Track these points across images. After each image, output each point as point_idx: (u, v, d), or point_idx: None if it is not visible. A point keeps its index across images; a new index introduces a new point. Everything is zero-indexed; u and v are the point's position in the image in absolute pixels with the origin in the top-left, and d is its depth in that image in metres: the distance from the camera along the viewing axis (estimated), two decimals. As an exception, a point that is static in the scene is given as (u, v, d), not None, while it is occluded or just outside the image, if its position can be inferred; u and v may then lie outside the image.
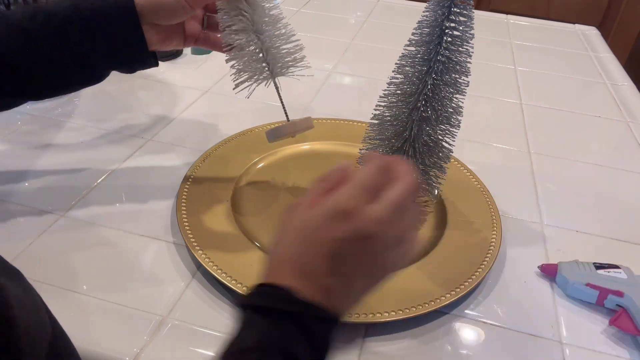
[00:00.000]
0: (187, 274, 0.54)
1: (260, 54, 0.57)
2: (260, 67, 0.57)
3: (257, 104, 0.86)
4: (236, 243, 0.56)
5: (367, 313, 0.49)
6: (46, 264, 0.54)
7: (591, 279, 0.54)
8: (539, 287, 0.57)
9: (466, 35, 0.53)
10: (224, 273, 0.52)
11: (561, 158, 0.80)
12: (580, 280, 0.54)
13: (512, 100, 0.96)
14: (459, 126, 0.58)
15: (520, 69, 1.08)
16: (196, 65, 0.98)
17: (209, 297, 0.52)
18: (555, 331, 0.52)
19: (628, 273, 0.54)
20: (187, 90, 0.89)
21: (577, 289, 0.54)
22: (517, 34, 1.26)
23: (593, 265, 0.55)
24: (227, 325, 0.49)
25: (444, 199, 0.65)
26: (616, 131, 0.90)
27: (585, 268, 0.55)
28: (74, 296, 0.50)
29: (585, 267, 0.55)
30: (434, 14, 0.53)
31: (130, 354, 0.46)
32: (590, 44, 1.24)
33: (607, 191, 0.74)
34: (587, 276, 0.54)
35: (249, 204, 0.63)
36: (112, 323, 0.48)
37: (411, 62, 0.56)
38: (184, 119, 0.80)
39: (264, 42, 0.57)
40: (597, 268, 0.55)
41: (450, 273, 0.54)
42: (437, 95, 0.56)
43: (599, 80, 1.07)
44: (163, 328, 0.48)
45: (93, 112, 0.78)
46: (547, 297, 0.55)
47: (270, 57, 0.58)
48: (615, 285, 0.53)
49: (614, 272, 0.54)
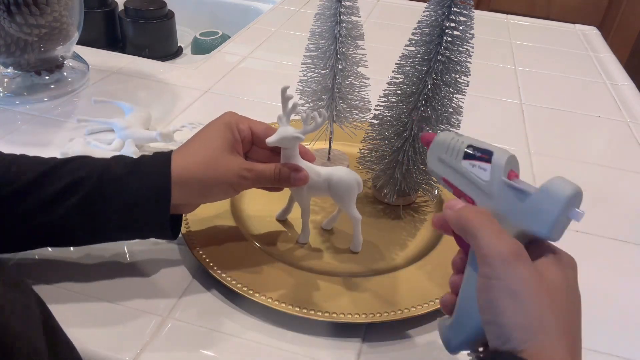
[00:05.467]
0: (187, 274, 0.54)
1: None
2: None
3: (257, 104, 0.86)
4: (236, 243, 0.56)
5: (367, 313, 0.49)
6: (46, 264, 0.54)
7: (450, 171, 0.41)
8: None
9: (466, 35, 0.53)
10: (224, 273, 0.52)
11: (561, 158, 0.80)
12: (439, 172, 0.42)
13: (512, 100, 0.96)
14: (459, 126, 0.58)
15: (520, 69, 1.08)
16: (196, 65, 0.98)
17: (209, 297, 0.52)
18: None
19: (495, 169, 0.39)
20: (187, 90, 0.89)
21: (438, 179, 0.43)
22: (517, 34, 1.26)
23: (467, 149, 0.41)
24: (227, 325, 0.49)
25: (444, 199, 0.65)
26: (616, 131, 0.89)
27: (455, 151, 0.41)
28: (74, 296, 0.50)
29: (456, 150, 0.41)
30: (434, 14, 0.53)
31: (131, 354, 0.46)
32: (590, 44, 1.24)
33: (607, 191, 0.74)
34: (449, 166, 0.41)
35: (249, 204, 0.63)
36: (112, 323, 0.48)
37: (411, 62, 0.56)
38: (184, 119, 0.80)
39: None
40: (467, 156, 0.40)
41: (450, 273, 0.54)
42: (437, 95, 0.56)
43: (599, 80, 1.07)
44: (163, 328, 0.48)
45: (93, 112, 0.78)
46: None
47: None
48: (469, 189, 0.40)
49: (479, 167, 0.40)
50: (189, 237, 0.55)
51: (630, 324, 0.54)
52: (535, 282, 0.34)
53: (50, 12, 0.76)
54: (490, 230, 0.36)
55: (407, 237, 0.60)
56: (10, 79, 0.83)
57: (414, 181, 0.61)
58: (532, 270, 0.34)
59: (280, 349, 0.48)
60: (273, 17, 1.22)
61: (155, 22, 1.13)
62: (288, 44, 1.10)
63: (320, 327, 0.49)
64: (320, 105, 0.62)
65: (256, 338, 0.48)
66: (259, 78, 0.96)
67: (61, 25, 0.79)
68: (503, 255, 0.34)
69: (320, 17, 0.59)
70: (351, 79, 0.61)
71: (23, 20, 0.74)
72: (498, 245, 0.35)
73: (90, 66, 0.91)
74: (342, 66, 0.59)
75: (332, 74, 0.59)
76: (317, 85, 0.61)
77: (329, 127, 0.64)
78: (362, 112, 0.63)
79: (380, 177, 0.63)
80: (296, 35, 1.14)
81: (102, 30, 1.17)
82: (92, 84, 0.88)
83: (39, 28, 0.76)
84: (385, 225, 0.62)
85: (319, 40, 0.59)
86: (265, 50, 1.07)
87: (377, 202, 0.65)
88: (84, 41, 0.93)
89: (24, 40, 0.77)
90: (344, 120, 0.63)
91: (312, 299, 0.51)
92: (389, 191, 0.62)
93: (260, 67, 1.00)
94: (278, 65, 1.01)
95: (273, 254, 0.56)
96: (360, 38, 0.60)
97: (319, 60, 0.60)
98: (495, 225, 0.36)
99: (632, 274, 0.60)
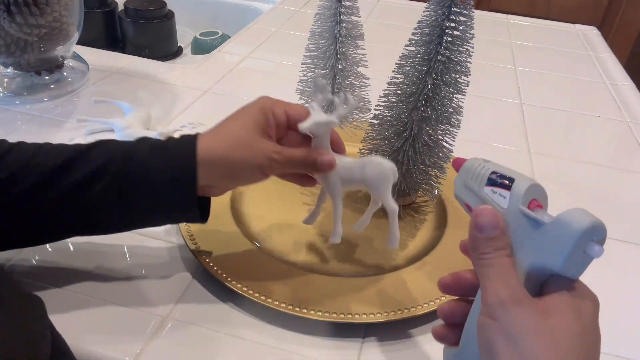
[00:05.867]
0: (187, 274, 0.54)
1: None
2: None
3: (257, 104, 0.86)
4: (236, 243, 0.56)
5: (367, 313, 0.49)
6: (46, 264, 0.54)
7: (473, 198, 0.41)
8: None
9: (466, 35, 0.53)
10: (224, 273, 0.52)
11: (561, 158, 0.80)
12: (464, 198, 0.42)
13: (512, 100, 0.96)
14: (459, 126, 0.58)
15: (520, 69, 1.08)
16: (196, 65, 0.98)
17: (209, 298, 0.52)
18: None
19: (514, 197, 0.38)
20: (187, 90, 0.89)
21: (462, 205, 0.43)
22: (517, 34, 1.26)
23: (490, 175, 0.40)
24: (227, 325, 0.49)
25: (444, 199, 0.65)
26: (616, 131, 0.89)
27: (479, 177, 0.40)
28: (74, 296, 0.50)
29: (480, 176, 0.40)
30: (434, 14, 0.53)
31: (131, 354, 0.46)
32: (590, 44, 1.24)
33: (607, 191, 0.74)
34: (473, 193, 0.41)
35: (249, 205, 0.63)
36: (112, 323, 0.48)
37: (411, 62, 0.56)
38: (184, 119, 0.80)
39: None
40: (490, 182, 0.39)
41: (448, 271, 0.54)
42: (437, 95, 0.56)
43: (599, 80, 1.07)
44: (163, 328, 0.48)
45: (93, 112, 0.78)
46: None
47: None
48: None
49: (500, 194, 0.39)
50: (190, 237, 0.55)
51: (630, 324, 0.54)
52: (535, 326, 0.32)
53: (50, 12, 0.76)
54: (498, 270, 0.35)
55: (407, 237, 0.60)
56: (10, 79, 0.83)
57: (414, 181, 0.61)
58: (533, 314, 0.33)
59: (280, 349, 0.48)
60: (273, 17, 1.22)
61: (155, 22, 1.13)
62: (288, 44, 1.10)
63: (320, 327, 0.49)
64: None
65: (256, 338, 0.48)
66: (259, 78, 0.96)
67: (61, 25, 0.79)
68: (501, 298, 0.33)
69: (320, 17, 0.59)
70: (351, 79, 0.61)
71: (23, 20, 0.74)
72: (498, 287, 0.34)
73: (90, 66, 0.91)
74: (342, 66, 0.59)
75: (332, 74, 0.59)
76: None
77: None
78: (362, 112, 0.63)
79: (380, 177, 0.63)
80: (296, 35, 1.14)
81: (102, 30, 1.17)
82: (92, 84, 0.88)
83: (39, 28, 0.76)
84: (385, 225, 0.62)
85: (319, 40, 0.59)
86: (265, 50, 1.07)
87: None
88: (84, 41, 0.94)
89: (24, 40, 0.77)
90: (344, 120, 0.63)
91: (312, 299, 0.51)
92: (389, 191, 0.62)
93: (260, 67, 1.00)
94: (278, 65, 1.01)
95: (273, 254, 0.56)
96: (360, 38, 0.60)
97: (319, 60, 0.60)
98: (504, 264, 0.35)
99: (632, 274, 0.60)
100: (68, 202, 0.46)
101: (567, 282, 0.34)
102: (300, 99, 0.62)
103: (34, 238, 0.50)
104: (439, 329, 0.40)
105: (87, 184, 0.46)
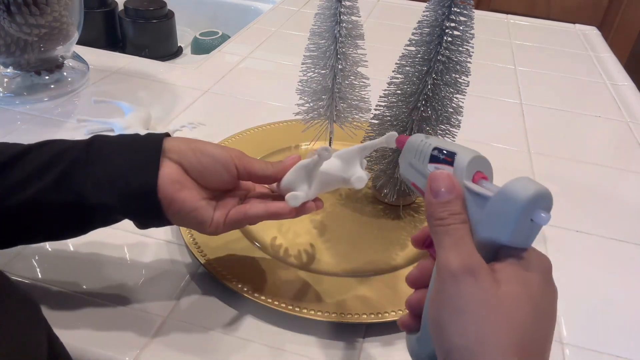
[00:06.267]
0: (186, 275, 0.54)
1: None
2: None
3: (257, 104, 0.86)
4: (236, 243, 0.56)
5: (367, 313, 0.49)
6: (45, 264, 0.54)
7: (419, 177, 0.39)
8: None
9: (466, 35, 0.53)
10: (224, 273, 0.52)
11: (561, 158, 0.80)
12: (410, 177, 0.40)
13: (512, 100, 0.96)
14: (459, 126, 0.58)
15: (520, 69, 1.08)
16: (196, 65, 0.98)
17: (208, 298, 0.52)
18: (555, 331, 0.52)
19: (458, 172, 0.36)
20: (187, 90, 0.89)
21: (409, 185, 0.41)
22: (517, 34, 1.26)
23: (432, 151, 0.38)
24: (227, 325, 0.49)
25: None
26: (616, 131, 0.89)
27: (422, 154, 0.39)
28: (74, 296, 0.50)
29: (423, 154, 0.39)
30: (434, 14, 0.53)
31: (131, 354, 0.46)
32: (590, 44, 1.24)
33: (607, 191, 0.74)
34: (418, 171, 0.39)
35: (249, 204, 0.63)
36: (112, 323, 0.48)
37: (411, 62, 0.56)
38: (184, 119, 0.80)
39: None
40: (433, 159, 0.38)
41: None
42: (437, 95, 0.56)
43: (599, 80, 1.07)
44: (163, 328, 0.48)
45: (93, 112, 0.78)
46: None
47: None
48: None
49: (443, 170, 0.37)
50: (189, 237, 0.55)
51: (630, 324, 0.54)
52: (482, 299, 0.31)
53: (50, 12, 0.76)
54: (453, 238, 0.33)
55: (407, 237, 0.60)
56: (10, 79, 0.83)
57: (414, 181, 0.61)
58: (483, 286, 0.31)
59: (280, 349, 0.48)
60: (273, 17, 1.22)
61: (155, 22, 1.13)
62: (288, 44, 1.10)
63: (320, 327, 0.49)
64: (320, 105, 0.62)
65: (256, 338, 0.48)
66: (259, 78, 0.96)
67: (61, 25, 0.79)
68: (452, 269, 0.32)
69: (320, 17, 0.58)
70: (351, 79, 0.61)
71: (23, 20, 0.74)
72: (450, 258, 0.32)
73: (90, 66, 0.91)
74: (342, 66, 0.59)
75: (332, 74, 0.59)
76: (317, 85, 0.61)
77: (329, 127, 0.64)
78: (362, 112, 0.63)
79: (380, 177, 0.63)
80: (296, 35, 1.14)
81: (102, 30, 1.17)
82: (92, 84, 0.88)
83: (39, 28, 0.76)
84: (385, 225, 0.62)
85: (319, 40, 0.59)
86: (265, 50, 1.07)
87: (377, 202, 0.65)
88: (84, 41, 0.94)
89: (24, 40, 0.77)
90: (344, 120, 0.63)
91: (312, 299, 0.51)
92: (389, 191, 0.62)
93: (260, 67, 1.00)
94: (278, 65, 1.01)
95: (273, 255, 0.56)
96: (360, 38, 0.60)
97: (319, 60, 0.60)
98: (460, 231, 0.33)
99: (632, 274, 0.60)
100: (11, 197, 0.43)
101: (518, 252, 0.33)
102: (300, 98, 0.62)
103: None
104: (404, 318, 0.39)
105: (33, 178, 0.43)
